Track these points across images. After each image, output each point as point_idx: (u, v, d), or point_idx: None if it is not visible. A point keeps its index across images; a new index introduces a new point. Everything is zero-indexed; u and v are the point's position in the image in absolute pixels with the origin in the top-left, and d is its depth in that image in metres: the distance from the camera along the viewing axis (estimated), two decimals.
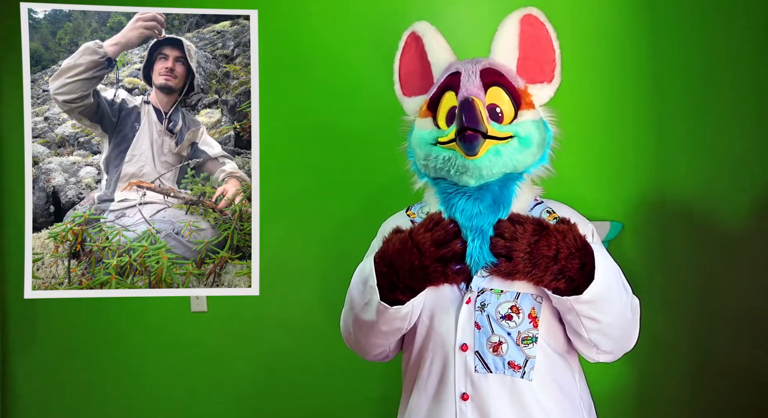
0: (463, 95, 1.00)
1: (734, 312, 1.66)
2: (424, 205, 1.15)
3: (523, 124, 1.03)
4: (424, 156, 1.06)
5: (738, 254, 1.67)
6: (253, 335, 1.92)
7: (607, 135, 1.74)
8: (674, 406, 1.73)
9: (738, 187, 1.66)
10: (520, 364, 1.03)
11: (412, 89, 1.16)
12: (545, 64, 1.07)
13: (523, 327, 1.03)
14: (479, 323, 1.03)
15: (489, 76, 1.03)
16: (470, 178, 1.01)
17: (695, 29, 1.72)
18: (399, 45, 1.17)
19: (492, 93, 1.02)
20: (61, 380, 1.98)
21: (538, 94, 1.07)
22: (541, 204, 1.11)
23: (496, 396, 1.03)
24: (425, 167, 1.07)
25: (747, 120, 1.68)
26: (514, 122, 1.02)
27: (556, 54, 1.07)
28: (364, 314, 1.06)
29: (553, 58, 1.07)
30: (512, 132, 1.01)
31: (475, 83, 1.02)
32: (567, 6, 1.73)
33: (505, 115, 1.03)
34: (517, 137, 1.02)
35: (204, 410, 1.95)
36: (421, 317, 1.10)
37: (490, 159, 0.99)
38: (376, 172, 1.81)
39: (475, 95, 1.00)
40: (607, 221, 1.65)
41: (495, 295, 1.04)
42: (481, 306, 1.04)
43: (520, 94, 1.05)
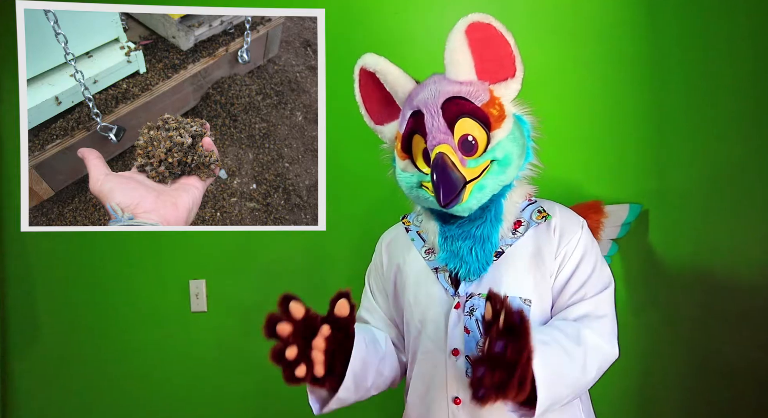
0: (432, 146, 0.98)
1: (734, 312, 1.66)
2: (419, 213, 1.15)
3: (498, 145, 1.00)
4: (413, 197, 1.06)
5: (738, 253, 1.66)
6: (253, 334, 1.92)
7: (607, 134, 1.73)
8: (674, 406, 1.72)
9: (739, 186, 1.66)
10: None
11: (381, 118, 1.15)
12: (503, 59, 1.04)
13: None
14: (468, 327, 1.03)
15: (452, 109, 1.00)
16: (463, 212, 1.02)
17: (695, 28, 1.71)
18: (354, 78, 1.15)
19: (461, 125, 0.99)
20: (61, 380, 1.98)
21: (505, 92, 1.04)
22: (533, 204, 1.10)
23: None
24: (416, 201, 1.07)
25: (749, 119, 1.67)
26: (489, 148, 0.99)
27: (512, 46, 1.03)
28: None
29: (510, 52, 1.04)
30: (489, 158, 0.99)
31: (441, 127, 0.99)
32: (567, 5, 1.72)
33: (479, 140, 0.99)
34: (495, 161, 1.00)
35: (204, 410, 1.95)
36: (414, 322, 1.10)
37: (476, 197, 0.99)
38: (382, 169, 1.80)
39: (444, 141, 0.97)
40: (626, 204, 1.64)
41: (483, 299, 1.03)
42: (469, 311, 1.04)
43: (487, 113, 1.01)
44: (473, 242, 1.03)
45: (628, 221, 1.64)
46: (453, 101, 1.01)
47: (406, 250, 1.16)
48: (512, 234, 1.07)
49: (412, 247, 1.14)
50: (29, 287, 1.98)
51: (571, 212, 1.12)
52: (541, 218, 1.07)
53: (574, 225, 1.08)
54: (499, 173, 1.00)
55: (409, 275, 1.13)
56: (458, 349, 1.04)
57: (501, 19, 1.08)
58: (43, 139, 1.19)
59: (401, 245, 1.17)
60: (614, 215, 1.61)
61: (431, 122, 1.00)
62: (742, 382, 1.66)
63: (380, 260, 1.20)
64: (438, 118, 0.99)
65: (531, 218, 1.07)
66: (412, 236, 1.16)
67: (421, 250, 1.13)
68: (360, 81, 1.15)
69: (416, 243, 1.14)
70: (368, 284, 1.23)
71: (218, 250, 1.90)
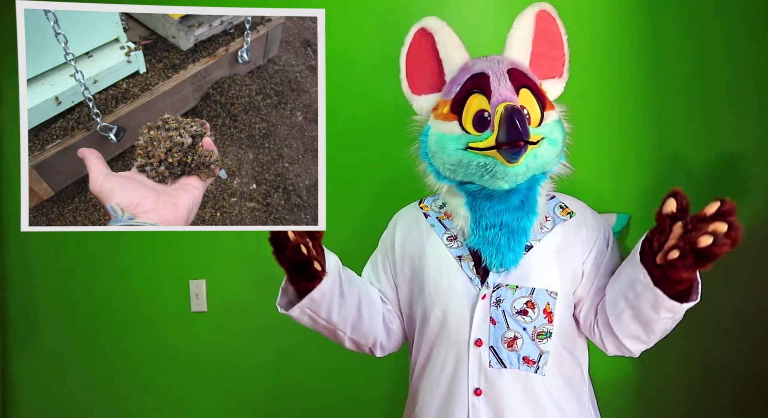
0: (498, 101, 0.98)
1: (734, 312, 1.66)
2: (437, 198, 1.15)
3: (550, 125, 1.04)
4: (454, 161, 1.04)
5: (739, 253, 1.66)
6: (253, 334, 1.92)
7: (606, 134, 1.73)
8: (674, 404, 1.72)
9: (739, 186, 1.66)
10: (534, 359, 1.04)
11: (421, 87, 1.14)
12: (556, 60, 1.10)
13: (538, 322, 1.04)
14: (494, 318, 1.04)
15: (517, 78, 1.03)
16: (505, 183, 1.02)
17: (695, 28, 1.71)
18: (405, 41, 1.16)
19: (522, 96, 1.02)
20: (61, 380, 1.98)
21: (551, 90, 1.09)
22: (553, 199, 1.13)
23: (509, 391, 1.04)
24: (452, 171, 1.06)
25: (749, 119, 1.67)
26: (542, 124, 1.03)
27: (566, 49, 1.09)
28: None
29: (563, 54, 1.09)
30: (543, 134, 1.02)
31: (508, 87, 1.00)
32: (567, 5, 1.72)
33: (533, 117, 1.03)
34: (547, 139, 1.02)
35: (204, 409, 1.95)
36: (435, 312, 1.10)
37: (528, 164, 1.00)
38: (380, 169, 1.80)
39: (512, 100, 0.99)
40: (614, 213, 1.64)
41: (510, 290, 1.05)
42: (496, 301, 1.05)
43: (544, 94, 1.06)
44: (511, 233, 1.04)
45: (615, 230, 1.65)
46: (518, 71, 1.04)
47: (426, 236, 1.15)
48: (540, 229, 1.08)
49: (432, 233, 1.14)
50: (29, 287, 1.98)
51: (590, 209, 1.16)
52: (565, 215, 1.10)
53: (598, 224, 1.13)
54: (549, 152, 1.03)
55: (429, 263, 1.12)
56: (482, 340, 1.04)
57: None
58: (43, 139, 1.19)
59: (420, 232, 1.16)
60: None
61: (497, 82, 1.01)
62: (743, 382, 1.66)
63: (392, 241, 1.20)
64: (505, 81, 1.01)
65: (555, 213, 1.10)
66: (431, 222, 1.15)
67: (443, 237, 1.12)
68: (411, 44, 1.14)
69: (437, 229, 1.14)
70: (377, 255, 1.24)
71: (218, 250, 1.90)
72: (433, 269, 1.11)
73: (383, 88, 1.25)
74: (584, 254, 1.09)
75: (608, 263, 1.10)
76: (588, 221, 1.11)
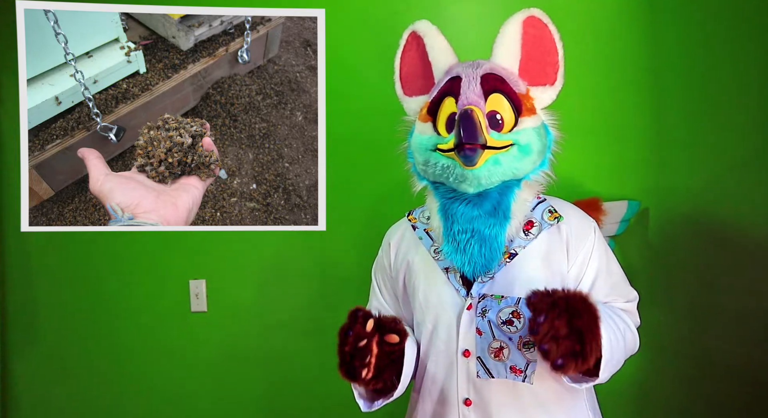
0: (462, 105, 0.99)
1: (734, 312, 1.66)
2: (425, 210, 1.14)
3: (524, 131, 1.01)
4: (423, 161, 1.05)
5: (739, 253, 1.66)
6: (253, 334, 1.92)
7: (607, 132, 1.73)
8: (675, 404, 1.72)
9: (739, 186, 1.66)
10: (522, 368, 1.02)
11: (413, 89, 1.15)
12: (548, 66, 1.06)
13: (524, 332, 1.02)
14: (481, 328, 1.03)
15: (490, 82, 1.02)
16: (469, 187, 1.01)
17: (695, 28, 1.71)
18: (399, 43, 1.16)
19: (492, 100, 1.01)
20: (61, 380, 1.98)
21: (540, 97, 1.06)
22: (543, 202, 1.10)
23: (498, 401, 1.03)
24: (424, 171, 1.07)
25: (749, 119, 1.67)
26: (514, 130, 1.01)
27: (560, 56, 1.05)
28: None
29: (556, 61, 1.05)
30: (512, 140, 1.00)
31: (476, 91, 1.00)
32: (567, 4, 1.72)
33: (506, 122, 1.01)
34: (516, 145, 1.00)
35: (204, 409, 1.95)
36: (425, 323, 1.10)
37: (489, 169, 0.99)
38: (380, 169, 1.80)
39: (475, 104, 0.98)
40: (625, 200, 1.63)
41: (496, 300, 1.03)
42: (482, 312, 1.03)
43: (521, 99, 1.03)
44: (482, 240, 1.02)
45: (626, 218, 1.64)
46: (493, 76, 1.03)
47: (414, 249, 1.14)
48: (525, 235, 1.06)
49: (420, 246, 1.13)
50: (29, 287, 1.98)
51: (582, 212, 1.12)
52: (553, 219, 1.06)
53: (586, 228, 1.08)
54: (517, 159, 1.01)
55: (419, 276, 1.12)
56: (470, 350, 1.04)
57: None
58: (43, 139, 1.19)
59: (409, 244, 1.16)
60: (613, 212, 1.61)
61: (467, 85, 1.01)
62: (741, 379, 1.66)
63: (387, 260, 1.19)
64: (475, 84, 1.01)
65: (542, 218, 1.07)
66: (419, 235, 1.14)
67: (429, 249, 1.12)
68: (404, 46, 1.15)
69: (424, 242, 1.13)
70: (376, 281, 1.23)
71: (218, 250, 1.89)
72: (422, 282, 1.11)
73: (383, 87, 1.25)
74: (570, 260, 1.06)
75: (595, 268, 1.06)
76: (576, 227, 1.07)
